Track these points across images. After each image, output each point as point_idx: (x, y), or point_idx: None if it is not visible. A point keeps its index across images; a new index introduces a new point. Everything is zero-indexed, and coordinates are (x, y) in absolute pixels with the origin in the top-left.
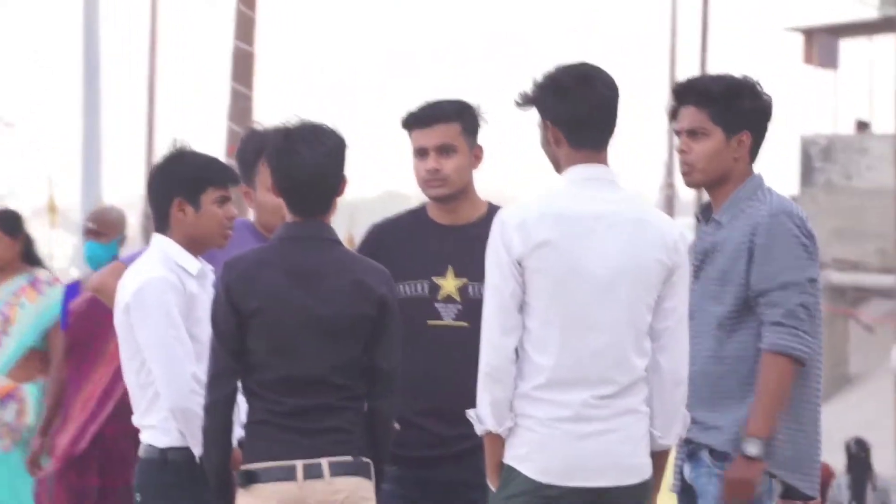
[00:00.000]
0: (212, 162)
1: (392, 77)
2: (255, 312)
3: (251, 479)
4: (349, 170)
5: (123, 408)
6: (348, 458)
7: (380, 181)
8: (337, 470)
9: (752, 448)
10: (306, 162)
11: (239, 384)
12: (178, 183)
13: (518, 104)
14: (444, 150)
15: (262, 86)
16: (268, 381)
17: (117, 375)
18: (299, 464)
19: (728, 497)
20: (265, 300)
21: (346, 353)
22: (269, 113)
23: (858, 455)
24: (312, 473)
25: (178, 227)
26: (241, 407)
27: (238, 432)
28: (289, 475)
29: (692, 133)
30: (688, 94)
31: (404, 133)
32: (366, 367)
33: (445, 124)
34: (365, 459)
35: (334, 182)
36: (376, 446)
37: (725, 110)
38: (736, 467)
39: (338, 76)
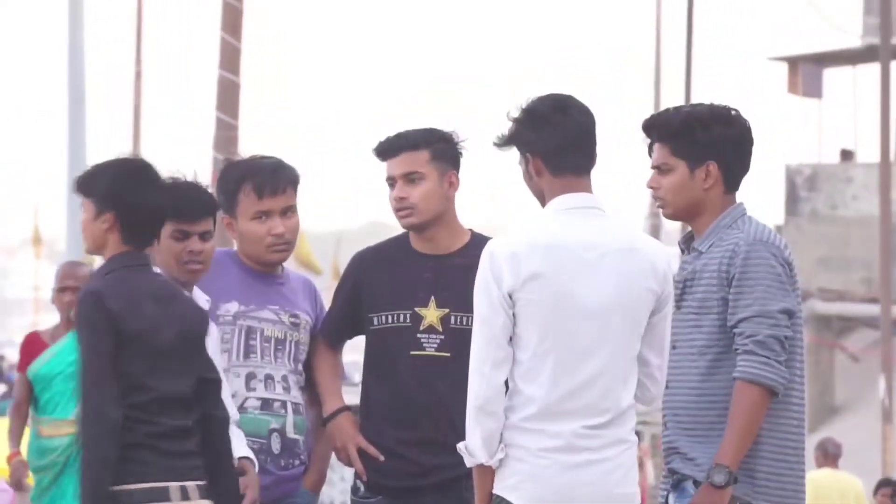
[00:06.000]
0: (174, 195)
1: (375, 108)
2: (138, 335)
3: (126, 500)
4: (334, 201)
5: None
6: (203, 482)
7: (364, 212)
8: (201, 493)
9: (719, 477)
10: (162, 198)
11: None
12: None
13: (497, 145)
14: (410, 178)
15: (246, 116)
16: (142, 403)
17: None
18: (172, 486)
19: None
20: (144, 322)
21: (196, 371)
22: (254, 143)
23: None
24: (183, 496)
25: (153, 255)
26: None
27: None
28: (163, 496)
29: (659, 168)
30: (651, 129)
31: (381, 167)
32: (200, 383)
33: (411, 152)
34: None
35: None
36: (225, 456)
37: (686, 143)
38: (701, 496)
39: (322, 107)
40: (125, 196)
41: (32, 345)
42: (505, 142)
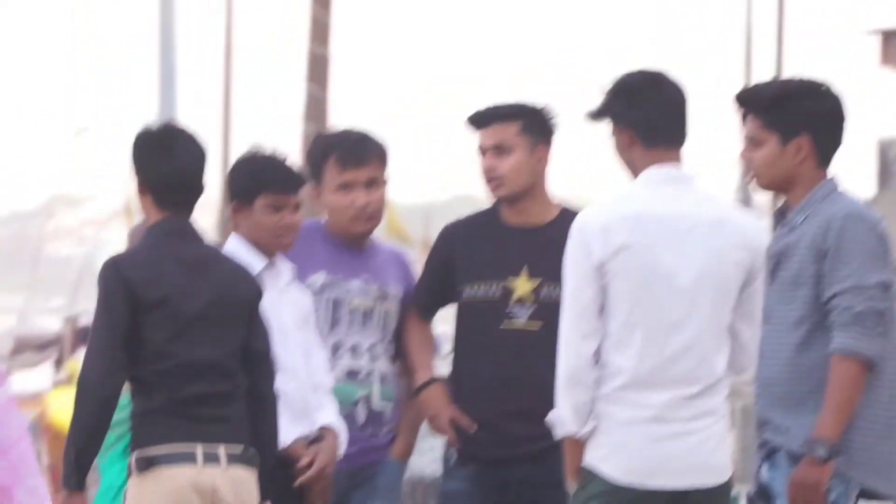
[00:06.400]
0: (270, 168)
1: (464, 81)
2: (159, 303)
3: (150, 463)
4: (422, 174)
5: None
6: (240, 448)
7: (451, 185)
8: (232, 458)
9: (819, 450)
10: (188, 162)
11: None
12: (235, 186)
13: (590, 117)
14: (499, 149)
15: (337, 88)
16: (165, 369)
17: None
18: (199, 448)
19: (794, 500)
20: (168, 289)
21: (236, 339)
22: (344, 115)
23: None
24: (211, 459)
25: (238, 227)
26: (313, 405)
27: (298, 431)
28: (188, 459)
29: (751, 140)
30: (744, 102)
31: (474, 137)
32: (245, 353)
33: (501, 124)
34: (252, 450)
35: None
36: (265, 429)
37: (778, 116)
38: (802, 470)
39: (411, 79)
40: (143, 162)
41: None
42: (598, 114)
